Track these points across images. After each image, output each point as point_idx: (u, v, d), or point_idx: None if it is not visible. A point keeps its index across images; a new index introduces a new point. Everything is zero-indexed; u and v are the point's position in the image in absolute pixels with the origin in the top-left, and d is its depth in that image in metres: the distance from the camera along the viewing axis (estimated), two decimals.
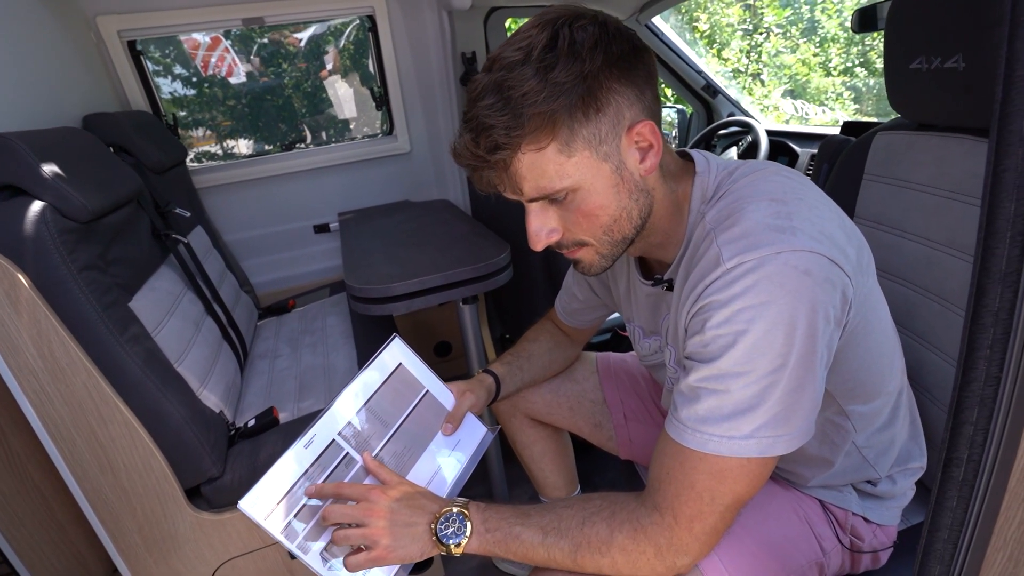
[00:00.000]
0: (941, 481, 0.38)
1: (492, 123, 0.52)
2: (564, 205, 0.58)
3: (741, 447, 0.52)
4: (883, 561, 0.75)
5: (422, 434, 0.77)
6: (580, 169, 0.55)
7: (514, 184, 0.56)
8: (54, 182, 0.87)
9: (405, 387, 0.78)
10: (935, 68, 0.78)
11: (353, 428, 0.71)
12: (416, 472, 0.74)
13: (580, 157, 0.54)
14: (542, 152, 0.53)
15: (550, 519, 0.62)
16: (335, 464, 0.69)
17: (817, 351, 0.52)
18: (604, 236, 0.60)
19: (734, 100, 2.30)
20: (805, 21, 6.36)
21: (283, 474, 0.65)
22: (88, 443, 0.90)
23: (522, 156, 0.54)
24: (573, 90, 0.51)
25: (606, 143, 0.55)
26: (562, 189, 0.56)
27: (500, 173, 0.56)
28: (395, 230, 1.63)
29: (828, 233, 0.53)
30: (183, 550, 1.03)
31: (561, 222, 0.60)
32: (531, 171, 0.55)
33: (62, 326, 0.83)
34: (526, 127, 0.52)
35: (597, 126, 0.54)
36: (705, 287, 0.54)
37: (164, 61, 1.88)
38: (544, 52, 0.51)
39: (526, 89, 0.51)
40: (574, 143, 0.54)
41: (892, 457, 0.71)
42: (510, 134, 0.52)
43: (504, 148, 0.53)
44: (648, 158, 0.57)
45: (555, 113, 0.52)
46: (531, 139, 0.53)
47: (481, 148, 0.54)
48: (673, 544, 0.56)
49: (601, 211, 0.58)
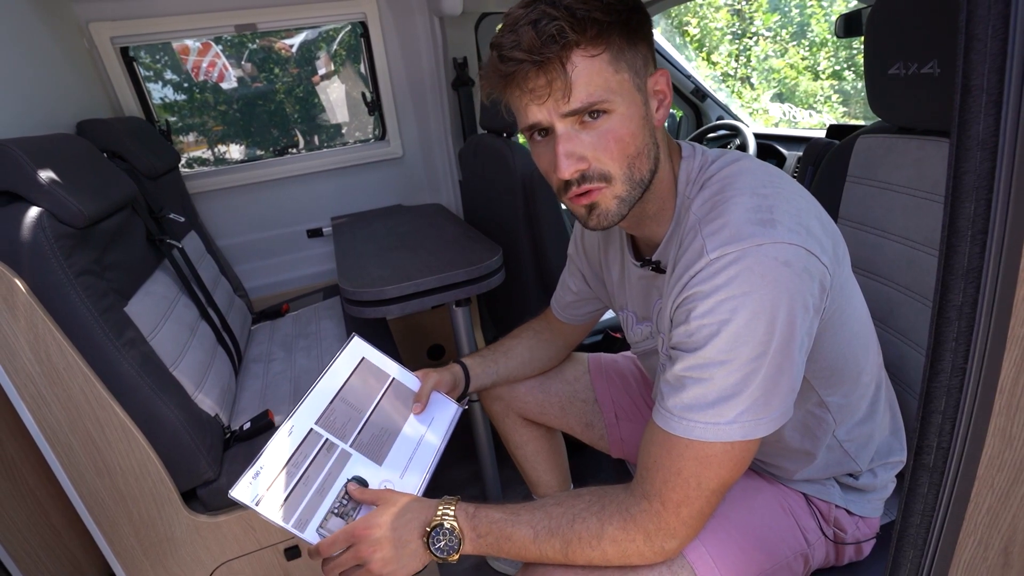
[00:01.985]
0: (913, 468, 0.40)
1: (557, 15, 0.54)
2: (596, 128, 0.58)
3: (725, 432, 0.54)
4: (866, 552, 0.77)
5: (395, 418, 0.82)
6: (623, 89, 0.58)
7: (560, 90, 0.56)
8: (50, 188, 0.87)
9: (371, 377, 0.84)
10: (912, 73, 0.81)
11: (328, 417, 0.76)
12: (395, 452, 0.79)
13: (623, 77, 0.57)
14: (595, 59, 0.56)
15: (540, 517, 0.63)
16: (316, 450, 0.73)
17: (796, 338, 0.54)
18: (628, 170, 0.60)
19: (723, 104, 2.34)
20: (794, 25, 6.44)
21: (270, 461, 0.69)
22: (84, 447, 0.90)
23: (577, 59, 0.55)
24: (620, 16, 0.56)
25: (640, 76, 0.59)
26: (608, 101, 0.56)
27: (551, 75, 0.55)
28: (388, 234, 1.64)
29: (806, 225, 0.56)
30: (179, 553, 1.04)
31: (591, 149, 0.58)
32: (583, 75, 0.55)
33: (59, 331, 0.84)
34: (588, 29, 0.54)
35: (635, 55, 0.58)
36: (690, 278, 0.56)
37: (155, 67, 1.88)
38: None
39: (584, 1, 0.54)
40: (621, 61, 0.57)
41: (872, 451, 0.73)
42: (567, 31, 0.54)
43: (558, 41, 0.54)
44: (662, 108, 0.62)
45: (610, 27, 0.55)
46: (588, 42, 0.55)
47: (537, 40, 0.54)
48: (661, 529, 0.58)
49: (632, 139, 0.59)
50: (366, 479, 0.75)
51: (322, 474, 0.72)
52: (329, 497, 0.71)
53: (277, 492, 0.67)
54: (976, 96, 0.30)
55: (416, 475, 0.79)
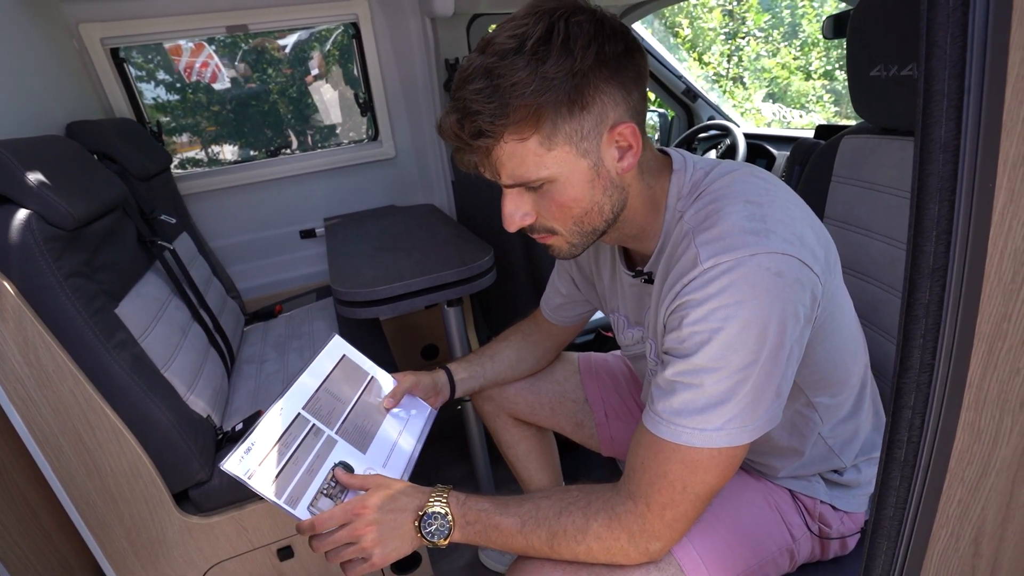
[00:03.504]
0: (885, 463, 0.41)
1: (478, 109, 0.53)
2: (540, 193, 0.60)
3: (712, 438, 0.55)
4: (851, 547, 0.78)
5: (375, 413, 0.84)
6: (558, 163, 0.57)
7: (493, 169, 0.59)
8: (39, 190, 0.87)
9: (351, 375, 0.86)
10: (893, 75, 0.82)
11: (315, 404, 0.78)
12: (376, 444, 0.81)
13: (560, 151, 0.56)
14: (524, 143, 0.55)
15: (528, 508, 0.64)
16: (304, 434, 0.75)
17: (786, 348, 0.55)
18: (574, 227, 0.63)
19: (714, 104, 2.35)
20: (786, 25, 6.48)
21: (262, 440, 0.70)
22: (75, 449, 0.91)
23: (504, 144, 0.55)
24: (561, 86, 0.52)
25: (587, 140, 0.57)
26: (539, 180, 0.58)
27: (481, 157, 0.58)
28: (381, 234, 1.65)
29: (799, 234, 0.56)
30: (172, 554, 1.04)
31: (535, 208, 0.62)
32: (511, 159, 0.57)
33: (48, 333, 0.84)
34: (511, 117, 0.53)
35: (580, 123, 0.55)
36: (684, 286, 0.57)
37: (148, 67, 1.88)
38: (538, 44, 0.52)
39: (515, 80, 0.52)
40: (556, 137, 0.55)
41: (857, 447, 0.74)
42: (495, 122, 0.53)
43: (487, 135, 0.54)
44: (626, 158, 0.59)
45: (541, 107, 0.53)
46: (514, 129, 0.54)
47: (465, 132, 0.55)
48: (645, 530, 0.59)
49: (574, 203, 0.60)
50: (352, 465, 0.76)
51: (310, 456, 0.73)
52: (318, 478, 0.72)
53: (268, 468, 0.68)
54: (937, 101, 0.31)
55: (398, 466, 0.80)
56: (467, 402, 1.42)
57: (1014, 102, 0.30)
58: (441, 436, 1.81)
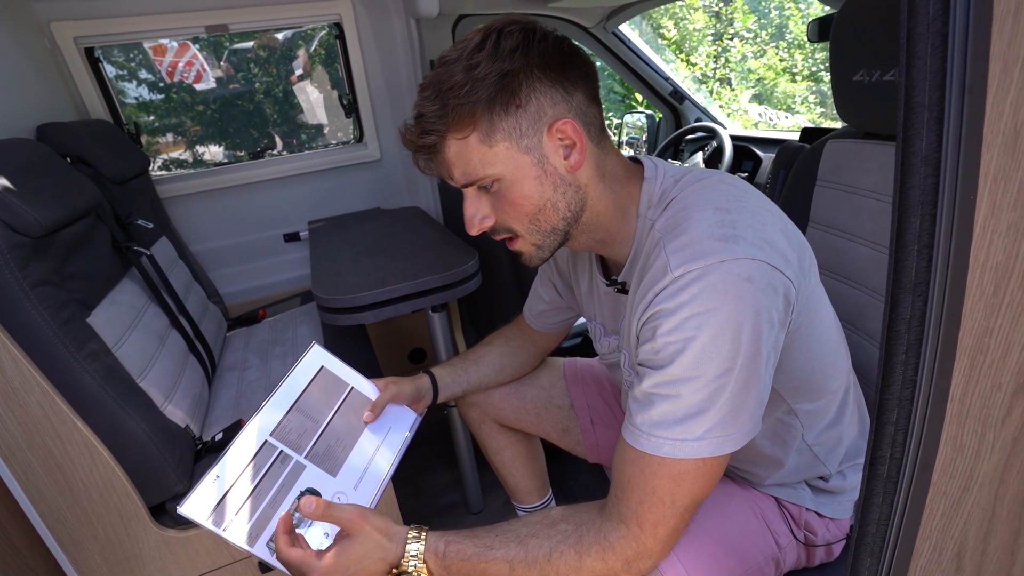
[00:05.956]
0: (868, 479, 0.40)
1: (424, 111, 0.59)
2: (494, 194, 0.63)
3: (694, 448, 0.54)
4: (836, 553, 0.78)
5: (352, 428, 0.82)
6: (502, 159, 0.60)
7: (445, 169, 0.63)
8: (3, 196, 0.84)
9: (330, 387, 0.84)
10: (876, 80, 0.82)
11: (284, 428, 0.76)
12: (350, 464, 0.78)
13: (501, 148, 0.60)
14: (465, 141, 0.59)
15: (515, 551, 0.61)
16: (271, 462, 0.73)
17: (762, 353, 0.54)
18: (531, 225, 0.64)
19: (701, 106, 2.36)
20: (773, 27, 6.54)
21: (221, 476, 0.69)
22: (44, 464, 0.88)
23: (448, 143, 0.60)
24: (492, 86, 0.57)
25: (527, 137, 0.60)
26: (486, 176, 0.61)
27: (432, 157, 0.62)
28: (365, 238, 1.62)
29: (770, 239, 0.56)
30: (148, 570, 1.01)
31: (493, 209, 0.65)
32: (458, 158, 0.61)
33: (14, 344, 0.81)
34: (450, 116, 0.58)
35: (517, 120, 0.59)
36: (655, 295, 0.56)
37: (128, 65, 1.84)
38: (472, 52, 0.58)
39: (452, 83, 0.58)
40: (494, 135, 0.59)
41: (841, 453, 0.74)
42: (436, 122, 0.59)
43: (431, 133, 0.60)
44: (572, 155, 0.61)
45: (475, 105, 0.57)
46: (455, 127, 0.59)
47: (414, 133, 0.61)
48: (640, 553, 0.58)
49: (525, 200, 0.62)
50: (319, 491, 0.74)
51: (275, 486, 0.71)
52: (281, 510, 0.70)
53: (228, 507, 0.67)
54: (918, 113, 0.31)
55: (371, 485, 0.78)
56: (453, 407, 1.41)
57: (994, 113, 0.29)
58: (427, 441, 1.80)
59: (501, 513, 1.55)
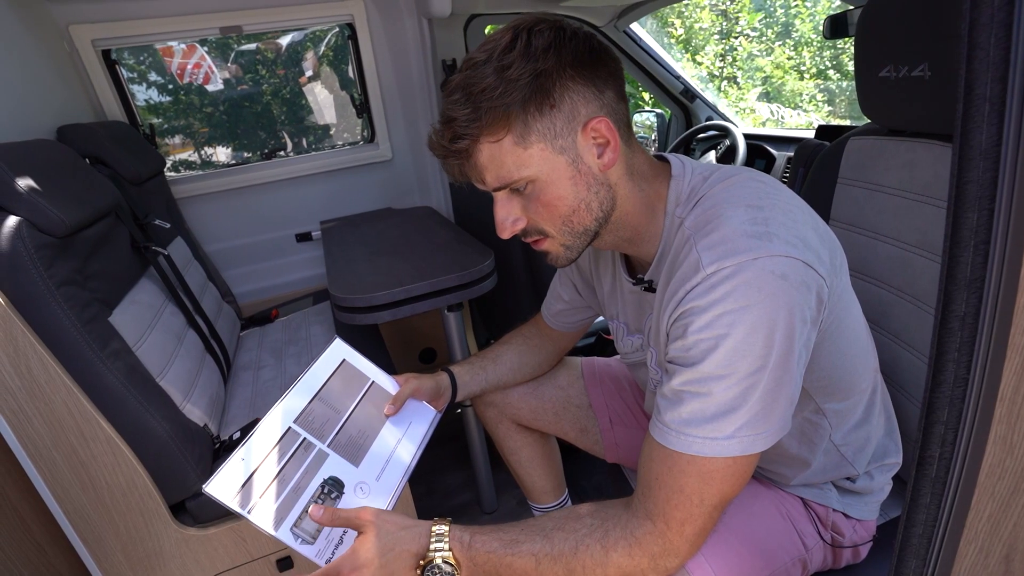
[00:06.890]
0: (916, 479, 0.40)
1: (455, 115, 0.58)
2: (527, 195, 0.62)
3: (724, 447, 0.54)
4: (863, 555, 0.77)
5: (373, 421, 0.82)
6: (536, 160, 0.59)
7: (477, 174, 0.61)
8: (29, 196, 0.85)
9: (351, 380, 0.84)
10: (903, 76, 0.81)
11: (307, 416, 0.77)
12: (372, 455, 0.79)
13: (536, 149, 0.58)
14: (499, 144, 0.58)
15: (541, 545, 0.61)
16: (294, 449, 0.73)
17: (795, 351, 0.54)
18: (564, 226, 0.63)
19: (712, 104, 2.35)
20: (779, 24, 6.50)
21: (246, 459, 0.69)
22: (69, 462, 0.88)
23: (481, 147, 0.59)
24: (526, 87, 0.56)
25: (561, 137, 0.58)
26: (521, 179, 0.60)
27: (464, 162, 0.61)
28: (378, 238, 1.63)
29: (803, 237, 0.55)
30: (168, 567, 1.01)
31: (524, 211, 0.63)
32: (491, 161, 0.59)
33: (40, 343, 0.81)
34: (483, 120, 0.57)
35: (552, 121, 0.58)
36: (686, 292, 0.56)
37: (139, 68, 1.85)
38: (503, 53, 0.56)
39: (484, 85, 0.56)
40: (529, 136, 0.58)
41: (869, 453, 0.73)
42: (469, 126, 0.57)
43: (464, 138, 0.58)
44: (606, 154, 0.60)
45: (509, 107, 0.56)
46: (488, 131, 0.57)
47: (445, 138, 0.59)
48: (667, 550, 0.57)
49: (559, 201, 0.61)
50: (342, 480, 0.74)
51: (299, 472, 0.71)
52: (304, 496, 0.70)
53: (252, 489, 0.67)
54: (979, 105, 0.30)
55: (392, 479, 0.78)
56: (468, 407, 1.40)
57: None
58: (441, 441, 1.79)
59: (514, 513, 1.55)
